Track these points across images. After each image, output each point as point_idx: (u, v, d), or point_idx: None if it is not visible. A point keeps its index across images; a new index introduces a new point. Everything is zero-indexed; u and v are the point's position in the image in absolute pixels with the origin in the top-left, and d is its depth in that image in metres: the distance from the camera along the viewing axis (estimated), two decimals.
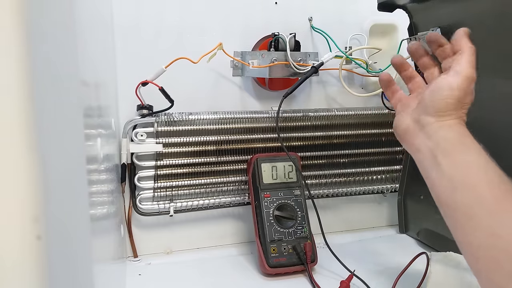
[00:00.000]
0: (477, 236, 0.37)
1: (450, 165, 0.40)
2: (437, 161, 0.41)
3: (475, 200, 0.38)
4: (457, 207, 0.39)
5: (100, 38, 0.49)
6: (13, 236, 0.18)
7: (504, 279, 0.34)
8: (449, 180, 0.40)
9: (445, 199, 0.40)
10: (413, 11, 0.65)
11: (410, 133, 0.46)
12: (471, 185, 0.38)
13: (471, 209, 0.38)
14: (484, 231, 0.36)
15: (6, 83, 0.17)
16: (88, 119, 0.33)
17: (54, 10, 0.24)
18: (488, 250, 0.36)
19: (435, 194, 0.42)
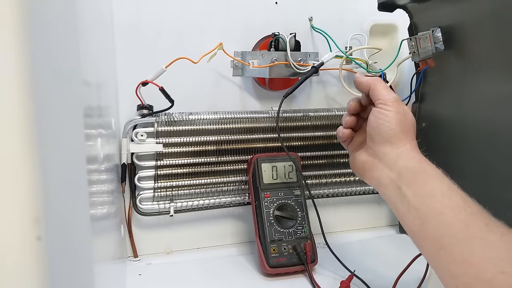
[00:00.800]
0: (450, 265, 0.37)
1: (415, 195, 0.40)
2: (401, 192, 0.41)
3: (444, 228, 0.38)
4: (427, 237, 0.39)
5: (101, 37, 0.49)
6: (14, 237, 0.17)
7: None
8: (416, 211, 0.40)
9: (415, 231, 0.40)
10: (413, 11, 0.65)
11: (369, 167, 0.46)
12: (438, 214, 0.38)
13: (441, 239, 0.37)
14: (456, 259, 0.36)
15: (6, 83, 0.17)
16: (88, 119, 0.33)
17: (55, 9, 0.24)
18: (462, 277, 0.36)
19: (405, 226, 0.42)
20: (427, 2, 0.60)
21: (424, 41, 0.59)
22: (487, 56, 0.47)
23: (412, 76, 0.69)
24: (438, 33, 0.58)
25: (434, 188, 0.40)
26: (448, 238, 0.37)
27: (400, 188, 0.41)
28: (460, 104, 0.57)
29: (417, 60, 0.62)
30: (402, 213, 0.42)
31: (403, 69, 0.76)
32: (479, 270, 0.34)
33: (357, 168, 0.48)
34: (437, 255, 0.38)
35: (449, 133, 0.59)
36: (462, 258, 0.36)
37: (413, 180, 0.41)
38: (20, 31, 0.17)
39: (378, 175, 0.44)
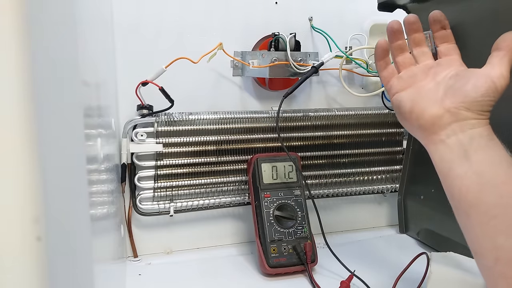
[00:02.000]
0: (499, 236, 0.36)
1: (482, 161, 0.39)
2: (466, 155, 0.39)
3: (503, 197, 0.36)
4: (481, 204, 0.37)
5: (100, 37, 0.49)
6: (13, 237, 0.17)
7: None
8: (478, 176, 0.38)
9: (467, 196, 0.38)
10: (413, 11, 0.64)
11: (440, 124, 0.42)
12: (501, 183, 0.37)
13: (496, 208, 0.36)
14: (508, 230, 0.35)
15: (6, 83, 0.17)
16: (88, 119, 0.33)
17: (55, 10, 0.24)
18: (508, 250, 0.35)
19: (456, 190, 0.40)
20: (427, 2, 0.60)
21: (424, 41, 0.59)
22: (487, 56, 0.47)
23: None
24: None
25: (502, 157, 0.38)
26: (504, 208, 0.36)
27: (467, 151, 0.39)
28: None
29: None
30: (454, 176, 0.40)
31: None
32: None
33: (426, 115, 0.43)
34: (487, 224, 0.37)
35: None
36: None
37: (484, 147, 0.39)
38: (20, 31, 0.17)
39: (446, 134, 0.41)
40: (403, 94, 0.46)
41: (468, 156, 0.39)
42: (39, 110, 0.18)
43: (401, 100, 0.45)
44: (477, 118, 0.41)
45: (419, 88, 0.45)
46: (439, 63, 0.46)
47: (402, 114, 0.45)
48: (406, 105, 0.45)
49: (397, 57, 0.48)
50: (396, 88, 0.47)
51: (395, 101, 0.46)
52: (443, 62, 0.46)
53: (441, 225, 0.66)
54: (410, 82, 0.46)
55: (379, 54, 0.48)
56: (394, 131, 0.77)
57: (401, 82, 0.46)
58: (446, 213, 0.64)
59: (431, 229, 0.69)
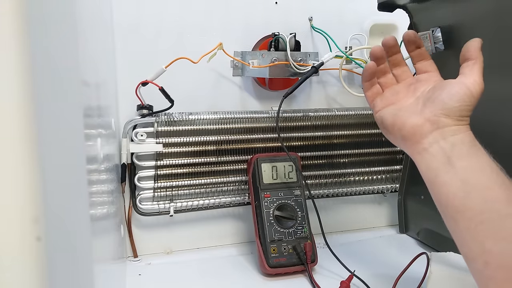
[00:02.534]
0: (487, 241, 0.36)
1: (465, 167, 0.40)
2: (450, 162, 0.40)
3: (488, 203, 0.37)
4: (467, 211, 0.38)
5: (100, 37, 0.49)
6: (13, 237, 0.17)
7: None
8: (463, 182, 0.39)
9: (453, 203, 0.39)
10: (413, 11, 0.65)
11: (421, 133, 0.43)
12: (485, 188, 0.38)
13: (482, 213, 0.37)
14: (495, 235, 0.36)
15: (5, 83, 0.17)
16: (88, 119, 0.33)
17: (55, 9, 0.24)
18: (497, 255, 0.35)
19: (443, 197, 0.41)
20: (427, 2, 0.60)
21: (424, 41, 0.59)
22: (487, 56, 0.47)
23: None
24: (438, 33, 0.58)
25: (485, 163, 0.39)
26: (489, 213, 0.37)
27: (450, 158, 0.40)
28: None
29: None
30: (441, 183, 0.41)
31: None
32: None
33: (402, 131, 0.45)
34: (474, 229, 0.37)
35: None
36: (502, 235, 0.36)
37: (466, 153, 0.40)
38: (20, 31, 0.17)
39: (429, 142, 0.42)
40: (385, 110, 0.48)
41: (451, 163, 0.40)
42: (39, 110, 0.18)
43: (383, 116, 0.48)
44: (457, 124, 0.42)
45: (400, 104, 0.48)
46: (418, 79, 0.49)
47: (385, 128, 0.48)
48: (388, 119, 0.47)
49: (380, 78, 0.51)
50: (378, 106, 0.49)
51: (378, 117, 0.49)
52: (422, 78, 0.49)
53: (441, 225, 0.66)
54: (393, 99, 0.49)
55: (366, 76, 0.51)
56: None
57: (384, 101, 0.49)
58: None
59: (431, 229, 0.69)
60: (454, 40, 0.57)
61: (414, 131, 0.44)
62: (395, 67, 0.51)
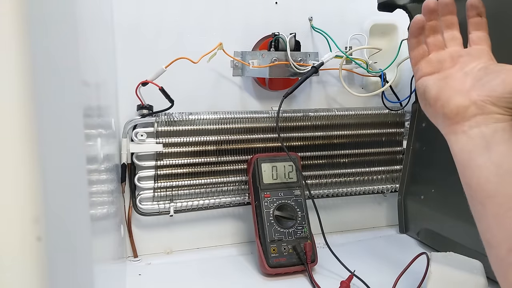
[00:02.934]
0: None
1: (503, 152, 0.39)
2: (488, 146, 0.39)
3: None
4: (499, 195, 0.38)
5: (101, 37, 0.49)
6: (13, 237, 0.17)
7: None
8: (497, 167, 0.38)
9: (486, 186, 0.39)
10: (413, 11, 0.65)
11: (462, 114, 0.41)
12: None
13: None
14: None
15: (6, 83, 0.17)
16: (88, 119, 0.33)
17: (55, 9, 0.24)
18: None
19: (474, 180, 0.40)
20: None
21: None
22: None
23: (412, 76, 0.69)
24: None
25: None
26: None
27: (489, 143, 0.39)
28: None
29: None
30: (474, 166, 0.40)
31: (403, 69, 0.75)
32: None
33: (445, 108, 0.42)
34: (503, 215, 0.37)
35: None
36: None
37: (507, 140, 0.39)
38: (20, 31, 0.17)
39: (469, 125, 0.41)
40: (430, 79, 0.45)
41: (489, 147, 0.39)
42: (39, 110, 0.18)
43: (427, 85, 0.44)
44: (502, 114, 0.40)
45: (447, 75, 0.44)
46: (469, 53, 0.45)
47: (427, 100, 0.44)
48: (431, 91, 0.44)
49: (428, 37, 0.46)
50: (423, 71, 0.45)
51: (421, 85, 0.45)
52: (473, 52, 0.45)
53: (441, 225, 0.66)
54: (438, 67, 0.45)
55: (413, 31, 0.46)
56: (394, 131, 0.77)
57: (429, 66, 0.45)
58: (446, 213, 0.65)
59: (431, 229, 0.69)
60: None
61: (457, 111, 0.41)
62: (447, 29, 0.46)
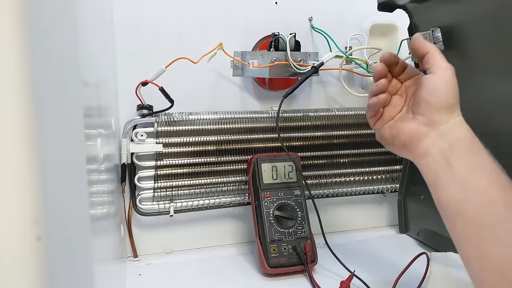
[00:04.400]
0: (484, 244, 0.36)
1: (464, 169, 0.39)
2: (449, 164, 0.40)
3: (486, 206, 0.37)
4: (465, 212, 0.38)
5: (101, 37, 0.49)
6: (13, 237, 0.17)
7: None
8: (461, 184, 0.39)
9: (453, 204, 0.39)
10: (413, 11, 0.65)
11: (418, 137, 0.43)
12: (484, 190, 0.38)
13: (478, 216, 0.37)
14: (491, 239, 0.36)
15: (6, 83, 0.17)
16: (88, 119, 0.33)
17: (55, 9, 0.24)
18: (495, 258, 0.35)
19: (443, 200, 0.40)
20: (426, 2, 0.60)
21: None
22: (487, 56, 0.48)
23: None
24: (438, 33, 0.58)
25: (484, 163, 0.39)
26: (487, 216, 0.36)
27: (449, 160, 0.40)
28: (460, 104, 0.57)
29: (417, 60, 0.62)
30: (442, 185, 0.40)
31: None
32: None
33: (403, 136, 0.45)
34: (470, 232, 0.37)
35: None
36: (498, 239, 0.35)
37: (464, 153, 0.40)
38: (20, 31, 0.17)
39: (427, 145, 0.42)
40: (384, 127, 0.48)
41: (450, 164, 0.40)
42: (39, 110, 0.18)
43: (382, 133, 0.48)
44: (450, 119, 0.42)
45: (395, 116, 0.48)
46: (406, 86, 0.48)
47: (386, 143, 0.48)
48: (386, 133, 0.48)
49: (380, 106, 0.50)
50: (378, 126, 0.49)
51: (378, 135, 0.49)
52: (408, 84, 0.48)
53: (441, 225, 0.66)
54: (391, 116, 0.48)
55: (373, 109, 0.49)
56: None
57: (382, 120, 0.49)
58: None
59: (431, 229, 0.69)
60: (454, 40, 0.57)
61: (412, 136, 0.44)
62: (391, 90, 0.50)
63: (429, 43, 0.45)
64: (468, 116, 0.43)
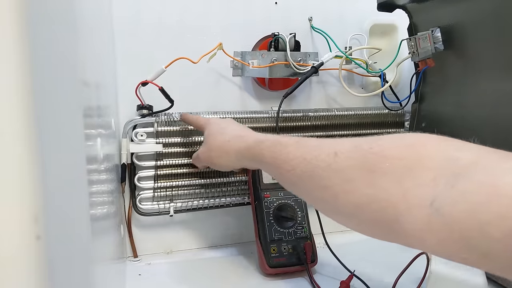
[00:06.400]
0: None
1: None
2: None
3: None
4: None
5: (100, 37, 0.49)
6: (12, 235, 0.18)
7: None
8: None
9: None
10: (413, 11, 0.65)
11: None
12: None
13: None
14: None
15: (5, 83, 0.17)
16: (88, 119, 0.33)
17: (55, 9, 0.24)
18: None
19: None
20: (426, 2, 0.60)
21: (424, 41, 0.59)
22: (487, 56, 0.48)
23: (412, 76, 0.69)
24: (437, 33, 0.58)
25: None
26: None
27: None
28: (460, 104, 0.57)
29: (417, 60, 0.62)
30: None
31: (403, 69, 0.76)
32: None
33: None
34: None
35: (449, 133, 0.59)
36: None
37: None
38: (20, 31, 0.17)
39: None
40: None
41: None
42: (39, 110, 0.18)
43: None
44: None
45: None
46: None
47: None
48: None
49: None
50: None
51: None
52: None
53: None
54: None
55: None
56: (394, 131, 0.77)
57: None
58: None
59: None
60: (453, 40, 0.57)
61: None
62: None
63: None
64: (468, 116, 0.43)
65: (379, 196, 0.32)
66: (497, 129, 0.54)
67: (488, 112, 0.54)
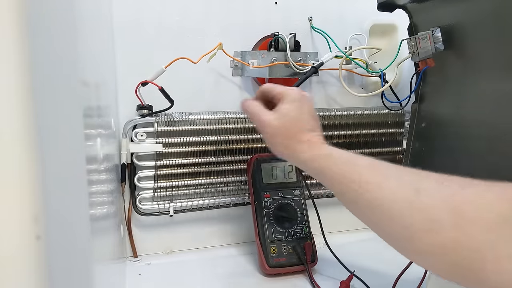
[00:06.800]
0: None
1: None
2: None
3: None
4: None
5: (100, 37, 0.49)
6: (12, 235, 0.17)
7: None
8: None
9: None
10: (413, 11, 0.64)
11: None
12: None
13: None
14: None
15: (5, 82, 0.17)
16: (88, 119, 0.33)
17: (55, 9, 0.24)
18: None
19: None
20: (426, 2, 0.60)
21: (424, 41, 0.59)
22: (487, 56, 0.47)
23: (412, 76, 0.69)
24: (437, 33, 0.58)
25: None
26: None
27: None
28: (460, 104, 0.57)
29: (417, 60, 0.62)
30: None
31: (403, 69, 0.75)
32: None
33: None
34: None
35: (449, 133, 0.59)
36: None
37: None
38: (20, 31, 0.17)
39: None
40: None
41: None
42: (39, 110, 0.18)
43: None
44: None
45: None
46: None
47: None
48: None
49: None
50: None
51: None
52: None
53: None
54: None
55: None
56: (394, 131, 0.77)
57: None
58: None
59: None
60: (454, 40, 0.57)
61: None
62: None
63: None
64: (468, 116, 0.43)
65: (466, 241, 0.32)
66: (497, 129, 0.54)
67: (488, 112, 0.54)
